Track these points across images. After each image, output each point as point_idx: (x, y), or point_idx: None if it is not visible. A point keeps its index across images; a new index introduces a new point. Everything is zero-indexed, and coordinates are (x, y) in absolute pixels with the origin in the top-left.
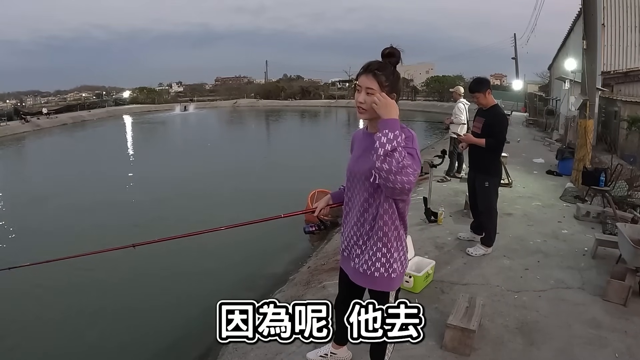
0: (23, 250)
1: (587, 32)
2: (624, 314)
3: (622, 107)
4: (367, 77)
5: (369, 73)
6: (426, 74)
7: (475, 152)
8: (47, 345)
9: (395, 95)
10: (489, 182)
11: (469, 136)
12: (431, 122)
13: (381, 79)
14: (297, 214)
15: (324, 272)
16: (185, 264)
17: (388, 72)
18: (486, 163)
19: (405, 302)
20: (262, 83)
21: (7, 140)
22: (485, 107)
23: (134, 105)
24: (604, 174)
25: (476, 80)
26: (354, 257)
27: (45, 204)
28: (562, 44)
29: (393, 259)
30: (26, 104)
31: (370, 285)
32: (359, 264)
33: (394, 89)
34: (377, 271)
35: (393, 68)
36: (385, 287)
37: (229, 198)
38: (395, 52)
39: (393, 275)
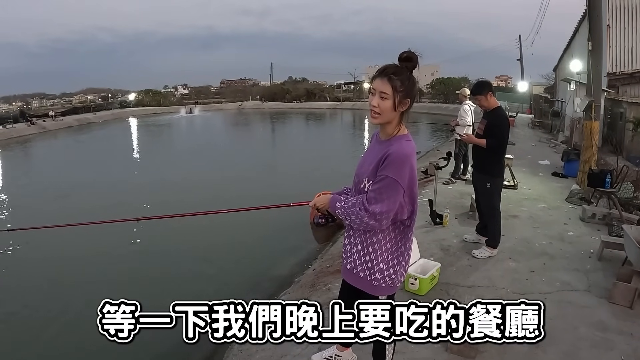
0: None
1: (593, 33)
2: (630, 316)
3: (627, 109)
4: (382, 80)
5: (384, 77)
6: (431, 76)
7: (478, 153)
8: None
9: (410, 100)
10: (490, 183)
11: (471, 136)
12: (436, 124)
13: (396, 84)
14: (307, 203)
15: (329, 275)
16: (190, 264)
17: (404, 77)
18: (488, 164)
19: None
20: (268, 85)
21: (12, 142)
22: (488, 109)
23: (140, 108)
24: (610, 176)
25: (477, 83)
26: (347, 253)
27: (52, 205)
28: (567, 46)
29: (377, 269)
30: (32, 106)
31: (355, 283)
32: (348, 261)
33: (408, 94)
34: (362, 272)
35: (409, 73)
36: (370, 290)
37: (237, 197)
38: (413, 57)
39: (374, 283)
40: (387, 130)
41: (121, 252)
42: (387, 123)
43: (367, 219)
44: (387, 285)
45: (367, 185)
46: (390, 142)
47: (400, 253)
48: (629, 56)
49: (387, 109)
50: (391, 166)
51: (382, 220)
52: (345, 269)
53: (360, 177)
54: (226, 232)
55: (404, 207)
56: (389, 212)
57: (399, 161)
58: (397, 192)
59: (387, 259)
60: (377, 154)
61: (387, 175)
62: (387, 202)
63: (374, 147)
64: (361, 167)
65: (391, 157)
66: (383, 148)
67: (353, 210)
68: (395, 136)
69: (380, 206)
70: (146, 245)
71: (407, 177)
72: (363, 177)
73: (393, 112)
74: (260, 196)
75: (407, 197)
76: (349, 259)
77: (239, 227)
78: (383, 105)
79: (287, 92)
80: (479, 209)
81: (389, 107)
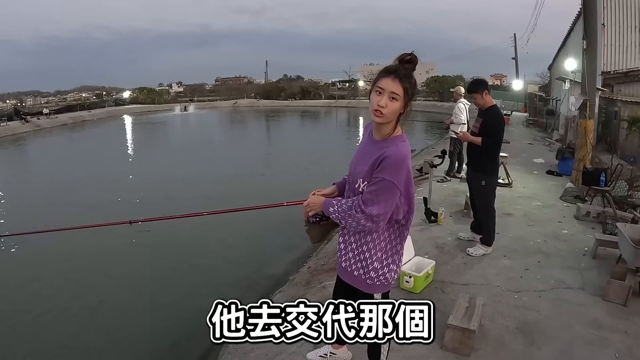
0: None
1: (587, 32)
2: (624, 314)
3: (622, 107)
4: (394, 81)
5: (396, 78)
6: (426, 74)
7: (472, 151)
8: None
9: (411, 104)
10: (485, 181)
11: (466, 134)
12: (431, 122)
13: (407, 87)
14: (301, 202)
15: (324, 272)
16: (184, 264)
17: (413, 81)
18: (483, 162)
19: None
20: (262, 83)
21: (7, 140)
22: (483, 108)
23: (134, 106)
24: (604, 174)
25: (474, 82)
26: (341, 251)
27: (47, 203)
28: (562, 44)
29: (372, 268)
30: (26, 104)
31: (350, 281)
32: (343, 259)
33: (413, 97)
34: (357, 270)
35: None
36: (364, 288)
37: (231, 195)
38: (415, 59)
39: (369, 281)
40: (383, 131)
41: (114, 250)
42: (386, 123)
43: (364, 221)
44: (381, 283)
45: (362, 186)
46: (386, 143)
47: (396, 252)
48: (623, 55)
49: (395, 110)
50: (388, 169)
51: (379, 222)
52: (340, 267)
53: (355, 177)
54: (220, 230)
55: (400, 208)
56: (385, 215)
57: (395, 164)
58: (394, 194)
59: (381, 257)
60: (372, 154)
61: (384, 177)
62: (384, 204)
63: (369, 146)
64: (355, 167)
65: (388, 159)
66: (378, 149)
67: (349, 214)
68: (391, 137)
69: (377, 208)
70: (139, 244)
71: (403, 178)
72: (358, 178)
73: (397, 113)
74: (255, 193)
75: (404, 197)
76: (343, 257)
77: (232, 225)
78: (391, 106)
79: (282, 90)
80: (474, 207)
81: (397, 108)
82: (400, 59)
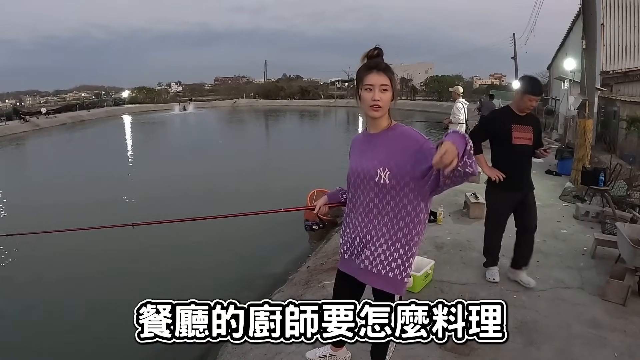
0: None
1: (587, 32)
2: (623, 313)
3: (621, 107)
4: (379, 75)
5: (380, 71)
6: (425, 74)
7: (527, 168)
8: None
9: (397, 91)
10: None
11: (493, 169)
12: (430, 122)
13: (391, 76)
14: (298, 209)
15: (324, 272)
16: (183, 263)
17: (392, 70)
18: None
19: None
20: (262, 83)
21: (6, 140)
22: (529, 112)
23: (133, 105)
24: (603, 174)
25: (537, 82)
26: (363, 259)
27: (46, 204)
28: (561, 44)
29: (409, 263)
30: (25, 103)
31: (383, 286)
32: (373, 264)
33: (396, 84)
34: (392, 271)
35: None
36: (398, 289)
37: (229, 196)
38: (381, 52)
39: (406, 279)
40: (381, 124)
41: (114, 250)
42: (383, 116)
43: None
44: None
45: (383, 176)
46: (390, 131)
47: (419, 245)
48: (622, 55)
49: (388, 100)
50: (423, 140)
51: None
52: (358, 269)
53: (368, 171)
54: (219, 230)
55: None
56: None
57: (418, 134)
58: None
59: (415, 253)
60: (383, 143)
61: (431, 145)
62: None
63: (365, 142)
64: (361, 165)
65: (414, 136)
66: (388, 137)
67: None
68: (391, 126)
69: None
70: (139, 243)
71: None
72: (374, 170)
73: (390, 102)
74: (255, 193)
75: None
76: (368, 259)
77: (231, 224)
78: (385, 98)
79: (281, 89)
80: (525, 231)
81: (389, 98)
82: (369, 55)
